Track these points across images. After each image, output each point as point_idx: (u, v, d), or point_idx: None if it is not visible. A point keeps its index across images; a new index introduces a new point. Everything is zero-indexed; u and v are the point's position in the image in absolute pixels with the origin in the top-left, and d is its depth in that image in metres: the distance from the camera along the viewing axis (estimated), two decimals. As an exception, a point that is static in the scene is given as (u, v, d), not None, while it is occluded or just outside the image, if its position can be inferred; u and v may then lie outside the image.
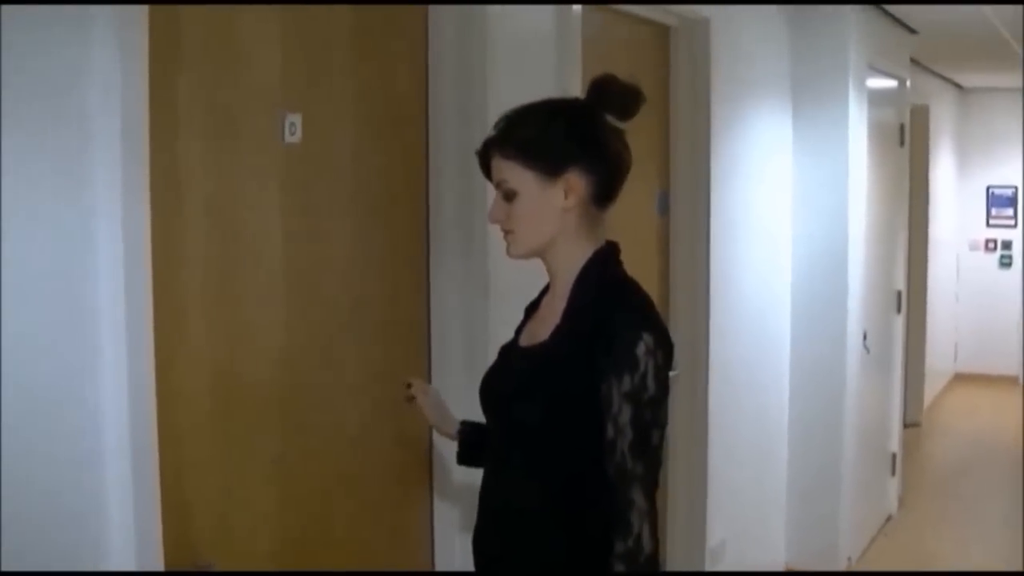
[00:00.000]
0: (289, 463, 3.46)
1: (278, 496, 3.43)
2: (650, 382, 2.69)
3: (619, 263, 2.94)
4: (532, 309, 3.08)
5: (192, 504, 3.11)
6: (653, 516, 2.70)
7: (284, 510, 3.45)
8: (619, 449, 2.68)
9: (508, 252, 2.94)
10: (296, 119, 3.38)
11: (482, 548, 2.99)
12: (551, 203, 2.83)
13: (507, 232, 2.91)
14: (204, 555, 3.13)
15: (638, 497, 2.68)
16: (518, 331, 3.08)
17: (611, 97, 2.88)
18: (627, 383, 2.68)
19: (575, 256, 2.88)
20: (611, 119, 2.88)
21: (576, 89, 4.37)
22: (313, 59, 3.51)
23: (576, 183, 2.82)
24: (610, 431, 2.69)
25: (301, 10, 3.43)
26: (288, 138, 3.37)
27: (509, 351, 3.04)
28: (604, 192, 2.86)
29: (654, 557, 2.69)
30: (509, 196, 2.86)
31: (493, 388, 3.00)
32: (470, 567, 3.02)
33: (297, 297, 3.46)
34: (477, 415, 3.08)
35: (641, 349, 2.69)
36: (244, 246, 3.26)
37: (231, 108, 3.20)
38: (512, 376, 2.95)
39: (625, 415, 2.68)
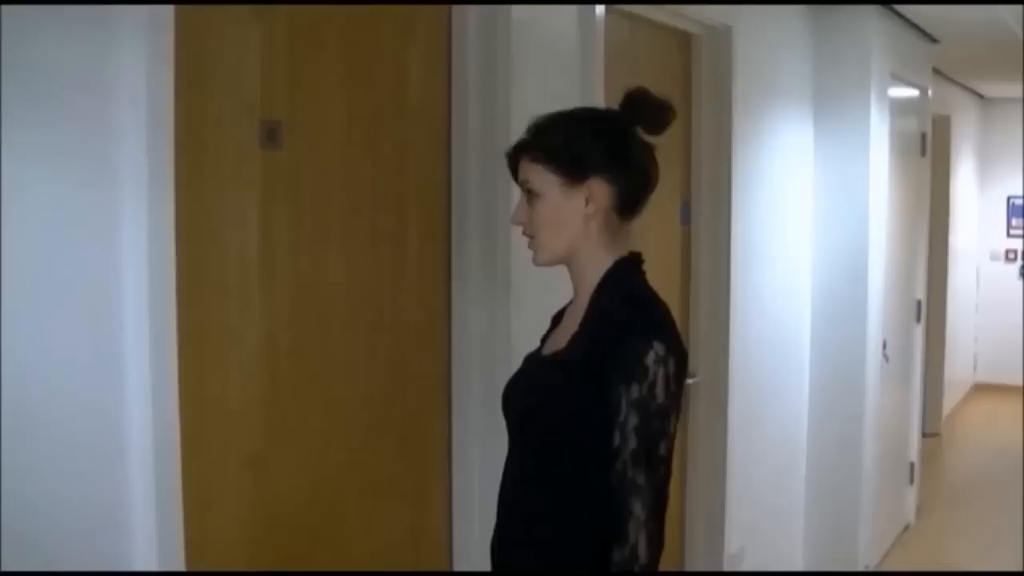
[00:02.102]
0: (309, 469, 3.47)
1: (296, 498, 3.44)
2: (659, 391, 2.68)
3: (640, 273, 2.95)
4: (558, 318, 3.10)
5: (212, 506, 3.13)
6: (653, 528, 2.68)
7: (304, 511, 3.47)
8: (622, 457, 2.67)
9: (533, 259, 2.95)
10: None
11: (497, 553, 3.01)
12: (572, 209, 2.85)
13: (531, 238, 2.92)
14: (221, 557, 3.15)
15: (636, 507, 2.66)
16: (543, 339, 3.09)
17: (643, 110, 2.89)
18: (635, 391, 2.67)
19: (597, 265, 2.89)
20: (642, 133, 2.90)
21: (599, 94, 4.39)
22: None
23: (598, 191, 2.84)
24: (616, 439, 2.68)
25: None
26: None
27: (532, 359, 3.05)
28: (627, 203, 2.89)
29: (650, 568, 2.68)
30: (531, 198, 2.88)
31: (512, 395, 3.01)
32: (488, 568, 3.04)
33: (302, 306, 3.44)
34: (496, 423, 3.10)
35: (651, 358, 2.68)
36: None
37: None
38: (530, 384, 2.96)
39: (631, 423, 2.67)
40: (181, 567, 2.87)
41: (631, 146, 2.88)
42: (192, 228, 3.00)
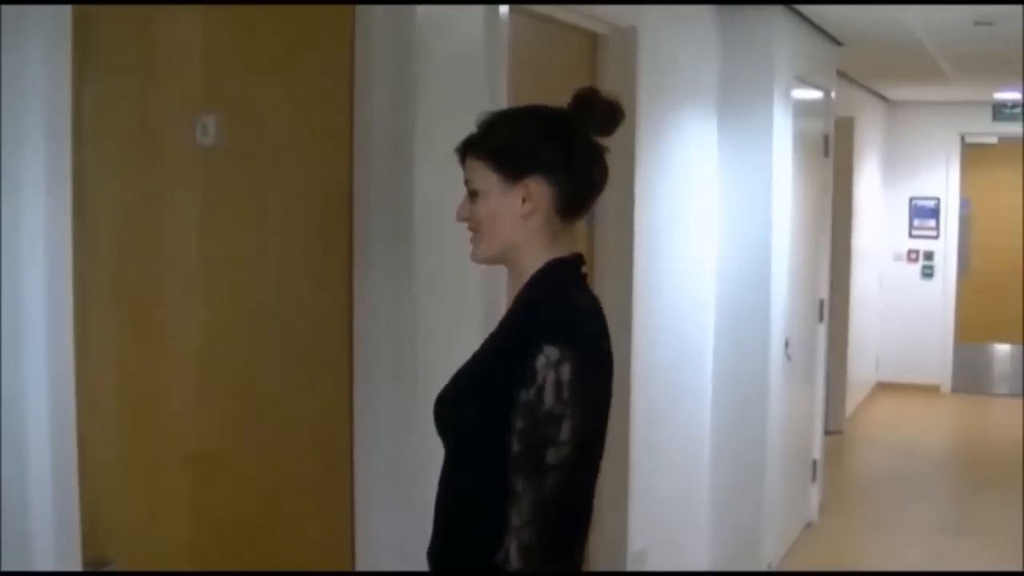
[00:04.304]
0: (206, 465, 3.45)
1: (194, 497, 3.42)
2: (547, 396, 2.61)
3: (571, 275, 2.90)
4: None
5: (101, 504, 3.10)
6: (528, 535, 2.60)
7: (201, 511, 3.45)
8: (509, 462, 2.64)
9: (471, 255, 2.94)
10: (211, 120, 3.36)
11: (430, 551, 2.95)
12: (509, 208, 2.81)
13: (473, 233, 2.91)
14: (112, 555, 3.13)
15: (512, 513, 2.60)
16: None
17: (592, 111, 2.85)
18: (523, 395, 2.62)
19: (533, 265, 2.85)
20: (596, 135, 2.86)
21: (504, 94, 4.39)
22: (233, 60, 3.48)
23: (535, 191, 2.79)
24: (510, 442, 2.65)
25: (222, 10, 3.41)
26: (202, 139, 3.34)
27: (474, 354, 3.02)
28: (569, 204, 2.83)
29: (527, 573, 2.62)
30: (472, 195, 2.86)
31: (442, 391, 2.93)
32: (394, 567, 3.01)
33: (215, 299, 3.45)
34: (405, 417, 3.09)
35: (541, 362, 2.62)
36: (160, 247, 3.25)
37: (146, 109, 3.18)
38: (454, 380, 2.92)
39: (517, 427, 2.62)
40: (78, 567, 2.84)
41: (575, 147, 2.83)
42: (129, 225, 3.01)
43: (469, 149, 2.89)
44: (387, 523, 4.00)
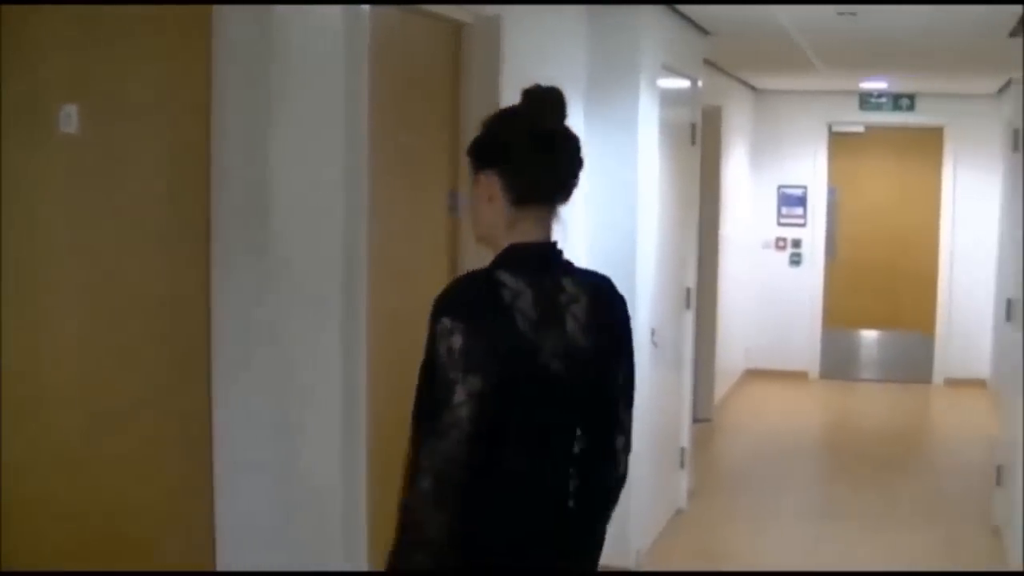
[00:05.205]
0: (68, 460, 3.40)
1: (52, 497, 3.37)
2: (440, 363, 2.87)
3: (516, 258, 3.06)
4: None
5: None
6: (406, 498, 2.89)
7: (68, 506, 3.40)
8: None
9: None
10: (72, 110, 3.33)
11: None
12: (477, 197, 3.12)
13: None
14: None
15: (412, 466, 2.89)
16: None
17: (538, 105, 3.14)
18: (425, 358, 2.91)
19: (498, 249, 3.09)
20: (550, 126, 3.13)
21: (364, 87, 4.36)
22: (97, 52, 3.45)
23: (485, 183, 3.08)
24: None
25: (86, 8, 3.38)
26: (64, 128, 3.32)
27: None
28: (518, 194, 3.07)
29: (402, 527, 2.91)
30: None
31: None
32: (255, 566, 3.02)
33: (85, 287, 3.41)
34: (265, 410, 3.07)
35: (436, 330, 2.89)
36: (28, 235, 3.20)
37: (8, 97, 3.14)
38: None
39: (417, 385, 2.92)
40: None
41: (519, 141, 3.09)
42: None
43: None
44: (249, 521, 3.94)
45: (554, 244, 3.15)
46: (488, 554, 3.02)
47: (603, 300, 3.18)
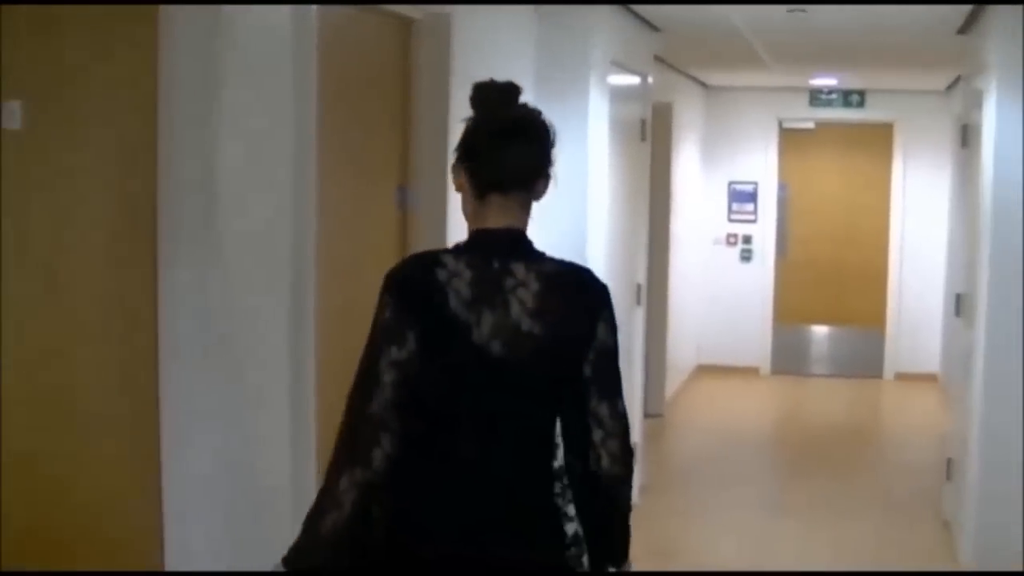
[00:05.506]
0: (12, 460, 3.38)
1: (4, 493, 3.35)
2: (372, 327, 3.11)
3: (463, 243, 3.24)
4: None
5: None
6: (333, 454, 3.09)
7: (11, 506, 3.38)
8: None
9: None
10: (16, 106, 3.31)
11: None
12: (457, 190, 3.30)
13: None
14: None
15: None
16: None
17: (484, 100, 3.29)
18: None
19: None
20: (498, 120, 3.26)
21: (312, 85, 4.35)
22: (43, 50, 3.43)
23: (454, 175, 3.26)
24: None
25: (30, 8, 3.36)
26: (8, 124, 3.30)
27: None
28: (476, 186, 3.22)
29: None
30: None
31: None
32: (204, 566, 3.02)
33: (18, 284, 3.39)
34: (216, 410, 3.06)
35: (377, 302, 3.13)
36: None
37: None
38: None
39: None
40: None
41: (475, 135, 3.24)
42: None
43: None
44: (198, 520, 3.92)
45: (513, 231, 3.25)
46: (439, 541, 3.08)
47: (559, 288, 3.21)
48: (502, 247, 3.21)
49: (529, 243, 3.27)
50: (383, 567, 3.12)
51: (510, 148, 3.24)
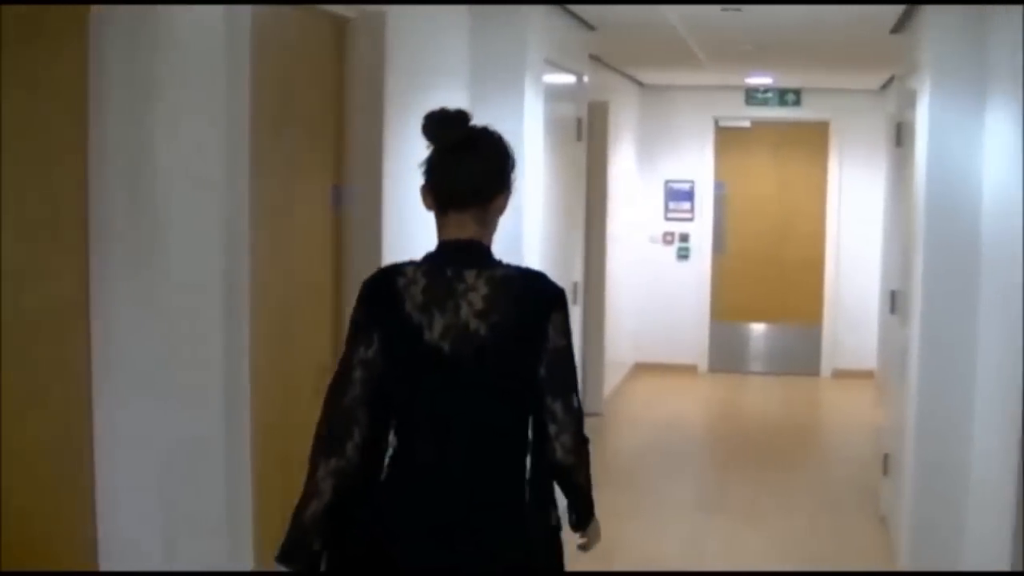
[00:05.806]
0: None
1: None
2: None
3: (427, 254, 3.61)
4: None
5: None
6: (312, 446, 3.50)
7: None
8: None
9: None
10: None
11: None
12: None
13: None
14: None
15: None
16: None
17: (430, 127, 3.61)
18: None
19: None
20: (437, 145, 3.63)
21: (246, 86, 4.32)
22: None
23: (423, 195, 3.63)
24: None
25: None
26: None
27: None
28: (434, 203, 3.62)
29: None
30: None
31: None
32: (138, 566, 3.04)
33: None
34: (149, 409, 3.04)
35: None
36: None
37: None
38: None
39: None
40: None
41: (429, 158, 3.63)
42: None
43: None
44: (132, 524, 3.89)
45: (466, 241, 3.58)
46: (407, 541, 3.45)
47: (507, 291, 3.51)
48: (457, 256, 3.55)
49: (484, 252, 3.62)
50: (360, 563, 3.46)
51: (461, 164, 3.60)
